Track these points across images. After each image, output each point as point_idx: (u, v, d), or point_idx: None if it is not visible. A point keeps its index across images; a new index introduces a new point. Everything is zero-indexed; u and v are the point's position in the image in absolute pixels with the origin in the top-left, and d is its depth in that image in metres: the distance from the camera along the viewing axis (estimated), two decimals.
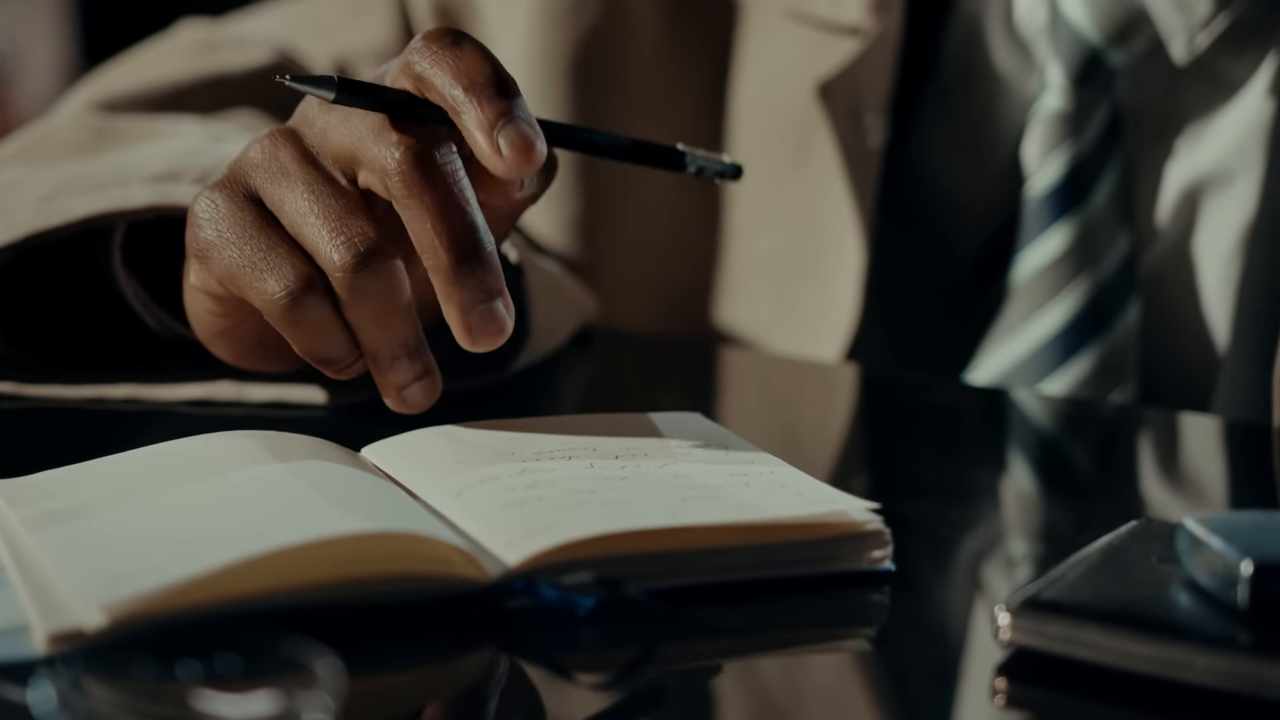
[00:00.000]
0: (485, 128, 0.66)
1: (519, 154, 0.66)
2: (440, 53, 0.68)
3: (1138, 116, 0.98)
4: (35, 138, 0.93)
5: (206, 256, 0.70)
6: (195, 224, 0.71)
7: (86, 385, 0.80)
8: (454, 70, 0.67)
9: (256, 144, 0.71)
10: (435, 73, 0.68)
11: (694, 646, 0.57)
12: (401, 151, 0.67)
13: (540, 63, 1.05)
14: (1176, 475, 0.80)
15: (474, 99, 0.67)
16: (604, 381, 0.95)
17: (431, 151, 0.67)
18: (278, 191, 0.69)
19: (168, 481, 0.62)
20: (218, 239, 0.70)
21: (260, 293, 0.69)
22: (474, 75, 0.67)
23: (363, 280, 0.68)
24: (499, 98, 0.67)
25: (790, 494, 0.62)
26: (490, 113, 0.66)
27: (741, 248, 1.05)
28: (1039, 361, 0.96)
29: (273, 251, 0.69)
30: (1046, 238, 0.97)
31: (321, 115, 0.70)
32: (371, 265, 0.67)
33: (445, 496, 0.62)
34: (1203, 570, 0.54)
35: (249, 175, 0.70)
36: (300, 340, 0.70)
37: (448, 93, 0.67)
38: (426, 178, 0.67)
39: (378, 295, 0.68)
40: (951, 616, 0.62)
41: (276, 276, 0.68)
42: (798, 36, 1.03)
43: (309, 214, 0.68)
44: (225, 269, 0.70)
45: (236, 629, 0.48)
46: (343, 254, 0.67)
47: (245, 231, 0.69)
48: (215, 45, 1.03)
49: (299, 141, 0.70)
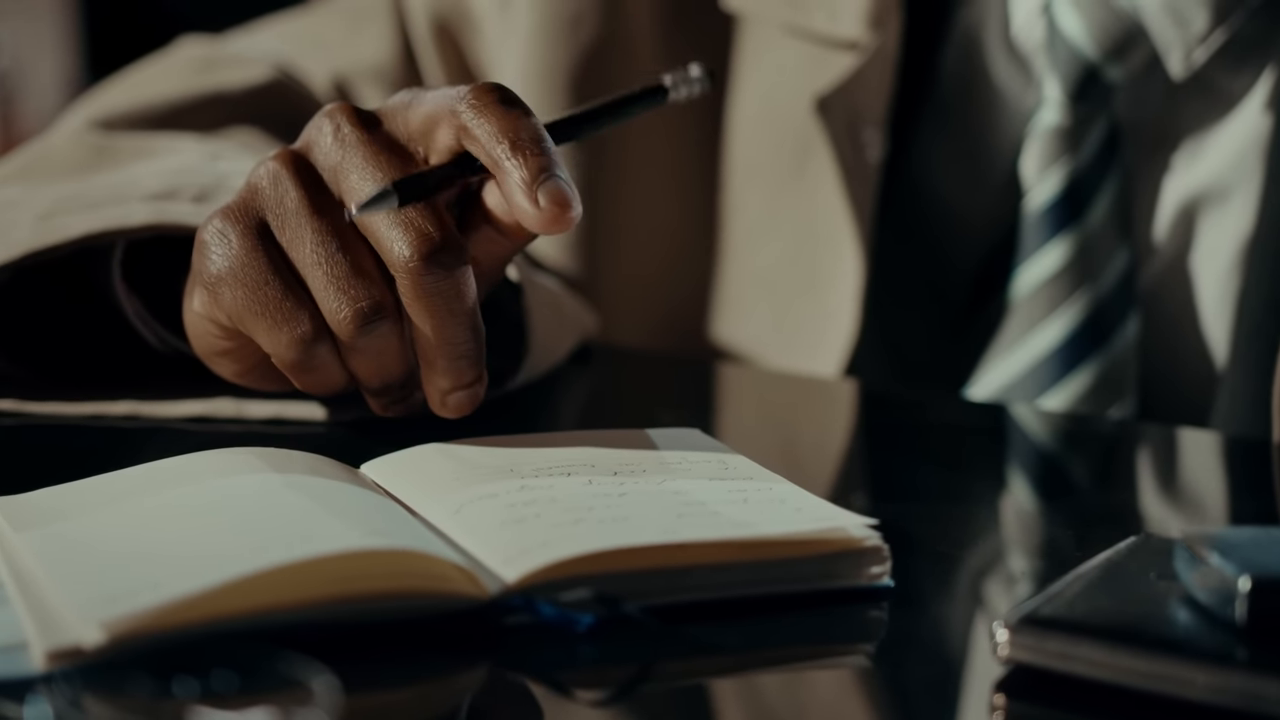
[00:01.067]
0: (526, 183, 0.67)
1: (556, 209, 0.67)
2: (487, 108, 0.69)
3: (1135, 131, 0.98)
4: (34, 156, 0.93)
5: (216, 291, 0.71)
6: (205, 255, 0.71)
7: (86, 402, 0.80)
8: (500, 126, 0.69)
9: (265, 171, 0.71)
10: (481, 126, 0.69)
11: (692, 663, 0.57)
12: (411, 251, 0.68)
13: (540, 78, 1.05)
14: (1175, 491, 0.80)
15: (517, 155, 0.68)
16: (603, 398, 0.95)
17: (440, 251, 0.68)
18: (287, 231, 0.70)
19: (167, 498, 0.62)
20: (229, 276, 0.70)
21: (271, 341, 0.70)
22: (519, 132, 0.68)
23: (362, 341, 0.70)
24: (541, 155, 0.68)
25: (789, 510, 0.62)
26: (532, 168, 0.68)
27: (740, 262, 1.05)
28: (1038, 376, 0.96)
29: (286, 300, 0.70)
30: (1045, 252, 0.97)
31: (335, 151, 0.71)
32: (374, 325, 0.69)
33: (444, 513, 0.62)
34: (1201, 586, 0.54)
35: (260, 207, 0.71)
36: (304, 383, 0.72)
37: (491, 147, 0.68)
38: (433, 285, 0.68)
39: (378, 352, 0.71)
40: (950, 633, 0.62)
41: (290, 327, 0.70)
42: (796, 51, 1.03)
43: (316, 267, 0.69)
44: (235, 310, 0.71)
45: (233, 646, 0.48)
46: (346, 314, 0.69)
47: (259, 275, 0.70)
48: (214, 63, 1.04)
49: (307, 172, 0.71)
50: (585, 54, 1.05)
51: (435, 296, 0.69)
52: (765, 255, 1.04)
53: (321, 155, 0.71)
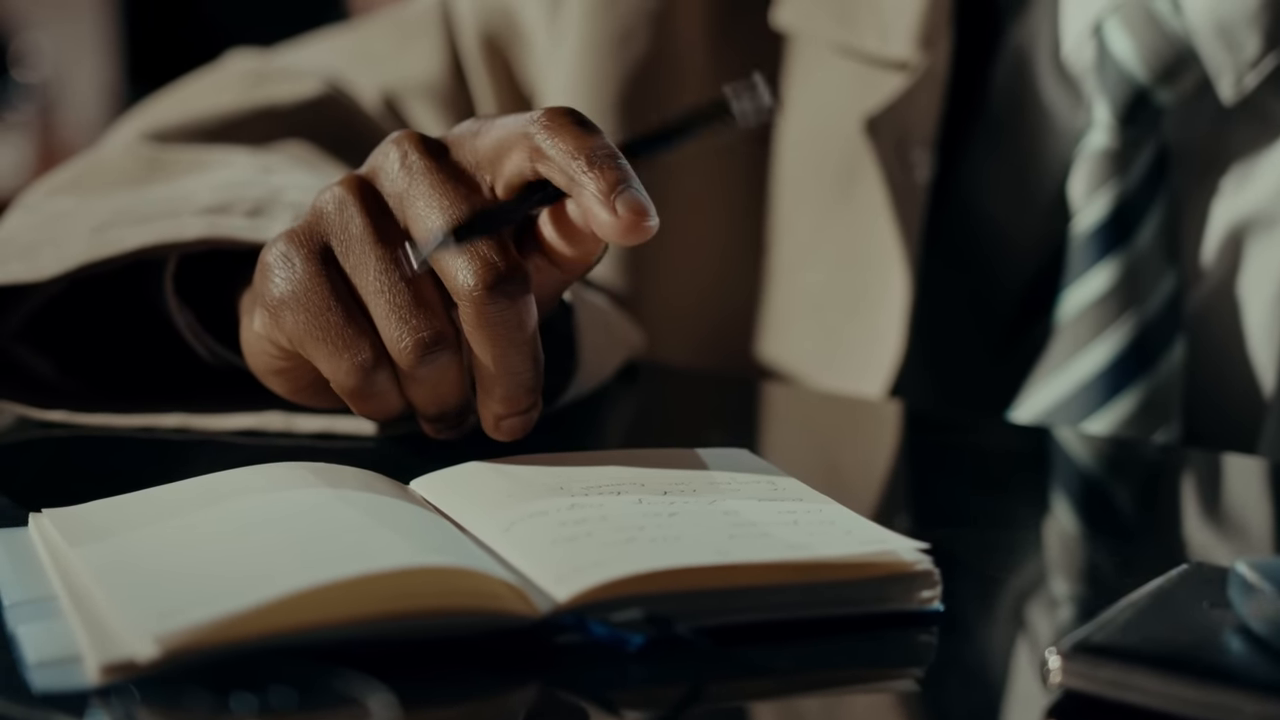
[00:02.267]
0: (604, 192, 0.68)
1: (634, 217, 0.68)
2: (561, 129, 0.69)
3: (1184, 155, 0.98)
4: (87, 167, 0.94)
5: (278, 314, 0.71)
6: (268, 277, 0.71)
7: (137, 414, 0.81)
8: (576, 145, 0.69)
9: (331, 197, 0.72)
10: (555, 146, 0.69)
11: (742, 685, 0.57)
12: (476, 280, 0.68)
13: (589, 94, 1.06)
14: (1221, 517, 0.80)
15: (593, 170, 0.68)
16: (650, 416, 0.95)
17: (504, 280, 0.69)
18: (350, 257, 0.71)
19: (220, 513, 0.62)
20: (292, 300, 0.71)
21: (331, 367, 0.71)
22: (594, 150, 0.69)
23: (423, 372, 0.70)
24: (616, 169, 0.69)
25: (839, 532, 0.62)
26: (609, 179, 0.68)
27: (787, 282, 1.05)
28: (1083, 399, 0.96)
29: (348, 327, 0.70)
30: (1092, 275, 0.97)
31: (401, 179, 0.71)
32: (434, 355, 0.70)
33: (495, 530, 0.62)
34: (1255, 616, 0.54)
35: (325, 232, 0.71)
36: (361, 408, 0.72)
37: (566, 164, 0.69)
38: (496, 315, 0.69)
39: (437, 382, 0.71)
40: (997, 658, 0.61)
41: (353, 354, 0.70)
42: (845, 71, 1.03)
43: (379, 295, 0.70)
44: (297, 334, 0.71)
45: (290, 662, 0.48)
46: (408, 344, 0.69)
47: (322, 301, 0.70)
48: (264, 76, 1.04)
49: (373, 198, 0.71)
50: (634, 70, 1.05)
51: (498, 326, 0.69)
52: (812, 275, 1.04)
53: (388, 183, 0.72)
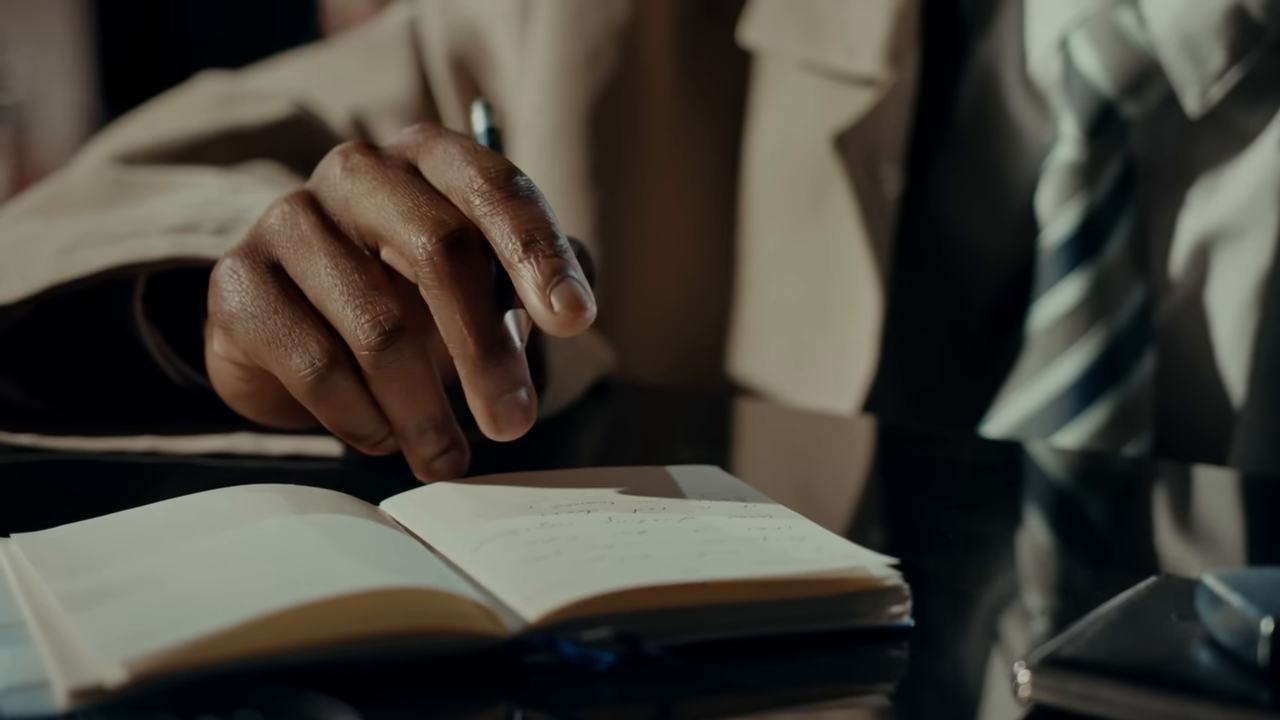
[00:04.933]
0: (539, 285, 0.66)
1: (570, 312, 0.67)
2: (502, 201, 0.68)
3: (1151, 168, 0.98)
4: (54, 191, 0.94)
5: (230, 329, 0.71)
6: (218, 294, 0.71)
7: (106, 437, 0.81)
8: (514, 223, 0.67)
9: (276, 210, 0.71)
10: (495, 221, 0.68)
11: (713, 702, 0.57)
12: (432, 240, 0.67)
13: (557, 115, 1.06)
14: (1193, 530, 0.80)
15: (531, 255, 0.67)
16: (621, 434, 0.95)
17: (462, 239, 0.68)
18: (300, 263, 0.70)
19: (188, 536, 0.62)
20: (241, 312, 0.70)
21: (286, 369, 0.69)
22: (533, 231, 0.67)
23: (388, 358, 0.68)
24: (555, 256, 0.67)
25: (809, 549, 0.62)
26: (546, 269, 0.67)
27: (758, 298, 1.06)
28: (1054, 412, 0.96)
29: (297, 327, 0.69)
30: (1061, 288, 0.97)
31: (344, 182, 0.70)
32: (397, 344, 0.68)
33: (464, 550, 0.62)
34: (1223, 628, 0.54)
35: (271, 244, 0.71)
36: (327, 416, 0.70)
37: (505, 244, 0.67)
38: (456, 269, 0.67)
39: (403, 373, 0.69)
40: (970, 673, 0.61)
41: (302, 353, 0.69)
42: (813, 88, 1.03)
43: (332, 289, 0.69)
44: (250, 343, 0.70)
45: (255, 685, 0.48)
46: (368, 333, 0.68)
47: (269, 305, 0.69)
48: (233, 98, 1.04)
49: (319, 208, 0.71)
50: (602, 90, 1.06)
51: (458, 281, 0.67)
52: (783, 291, 1.04)
53: (330, 188, 0.71)
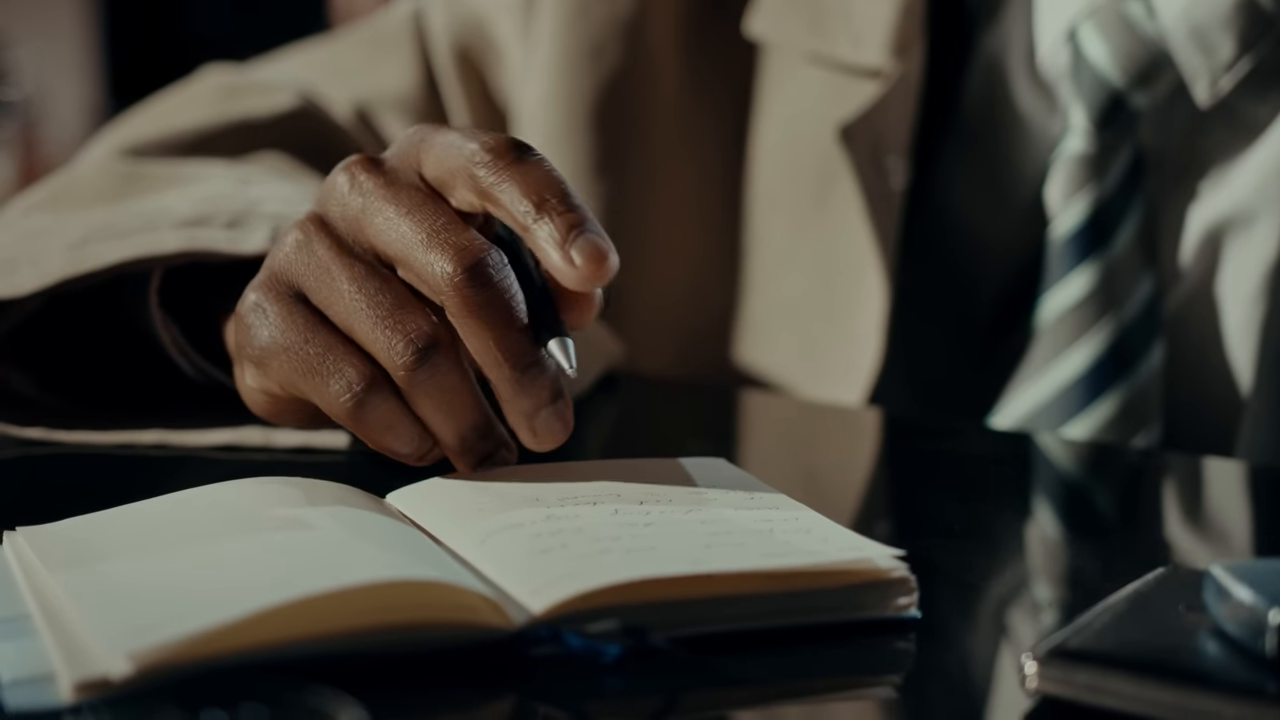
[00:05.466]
0: (558, 241, 0.66)
1: (592, 264, 0.66)
2: (507, 168, 0.67)
3: (1160, 159, 0.98)
4: (62, 184, 0.94)
5: (264, 363, 0.70)
6: (246, 330, 0.70)
7: (116, 431, 0.81)
8: (523, 187, 0.67)
9: (290, 238, 0.70)
10: (504, 188, 0.67)
11: (719, 694, 0.57)
12: (457, 270, 0.66)
13: (563, 108, 1.06)
14: (1202, 521, 0.80)
15: (545, 214, 0.66)
16: (629, 426, 0.95)
17: (485, 263, 0.67)
18: (322, 290, 0.69)
19: (194, 529, 0.62)
20: (273, 345, 0.69)
21: (325, 398, 0.69)
22: (543, 191, 0.67)
23: (423, 375, 0.67)
24: (569, 211, 0.67)
25: (815, 540, 0.62)
26: (562, 226, 0.66)
27: (764, 290, 1.05)
28: (1063, 404, 0.96)
29: (330, 354, 0.68)
30: (1070, 280, 0.97)
31: (354, 201, 0.70)
32: (432, 360, 0.67)
33: (470, 543, 0.62)
34: (1230, 619, 0.54)
35: (290, 274, 0.70)
36: (370, 437, 0.69)
37: (517, 208, 0.67)
38: (482, 297, 0.67)
39: (441, 387, 0.68)
40: (977, 664, 0.61)
41: (338, 380, 0.68)
42: (819, 79, 1.03)
43: (359, 312, 0.68)
44: (285, 377, 0.70)
45: (261, 678, 0.48)
46: (401, 353, 0.67)
47: (300, 336, 0.69)
48: (238, 90, 1.04)
49: (330, 230, 0.70)
50: (608, 83, 1.05)
51: (487, 308, 0.66)
52: (789, 283, 1.04)
53: (340, 208, 0.70)
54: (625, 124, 1.06)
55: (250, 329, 0.70)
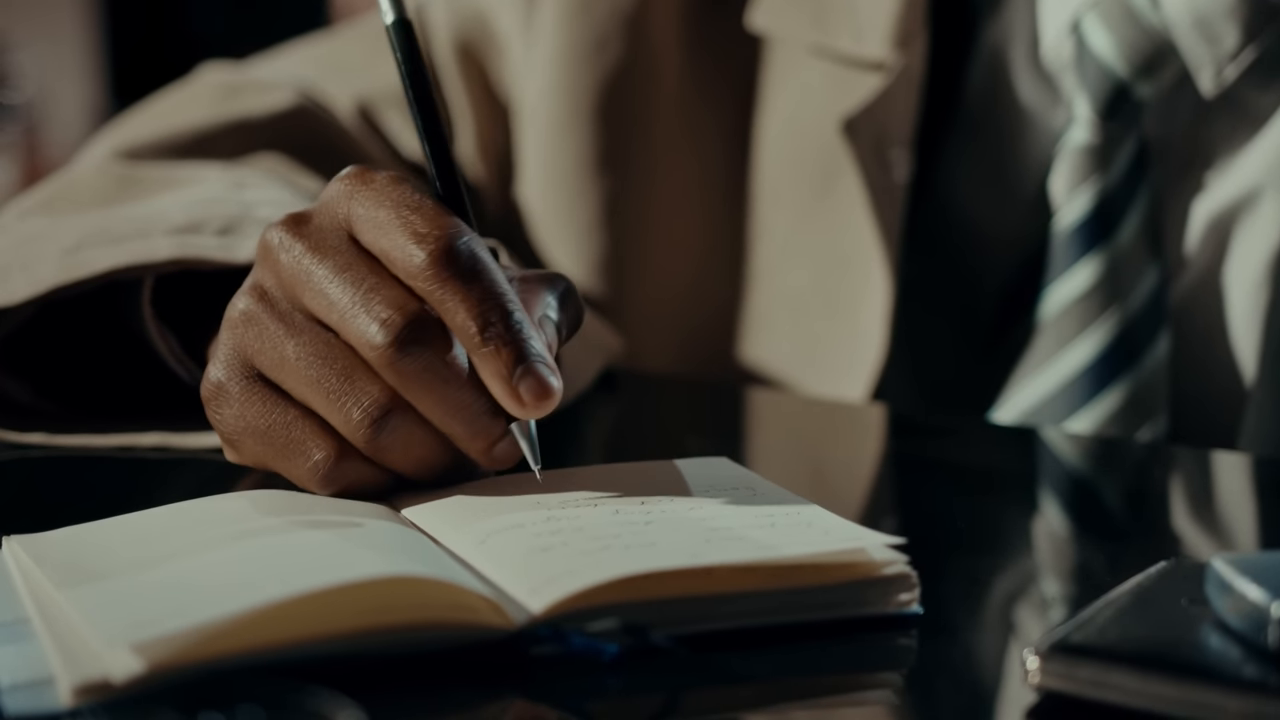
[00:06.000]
0: (504, 376, 0.65)
1: (537, 401, 0.65)
2: (449, 281, 0.66)
3: (1165, 149, 0.97)
4: (59, 187, 0.93)
5: (236, 446, 0.70)
6: (212, 413, 0.70)
7: (115, 434, 0.81)
8: (467, 306, 0.65)
9: (238, 313, 0.69)
10: (446, 305, 0.66)
11: (720, 693, 0.57)
12: (383, 337, 0.65)
13: (565, 101, 1.05)
14: (1208, 514, 0.79)
15: (491, 343, 0.65)
16: (630, 425, 0.95)
17: (415, 326, 0.66)
18: (273, 369, 0.68)
19: (193, 536, 0.62)
20: (240, 429, 0.69)
21: (297, 477, 0.68)
22: (488, 314, 0.65)
23: (385, 440, 0.67)
24: (514, 340, 0.65)
25: (817, 533, 0.62)
26: (509, 358, 0.65)
27: (767, 284, 1.05)
28: (1068, 397, 0.95)
29: (294, 430, 0.68)
30: (1074, 272, 0.96)
31: (285, 262, 0.68)
32: (390, 423, 0.66)
33: (470, 543, 0.62)
34: (1232, 612, 0.53)
35: (244, 351, 0.69)
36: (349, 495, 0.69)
37: (461, 330, 0.66)
38: (416, 365, 0.65)
39: (405, 445, 0.67)
40: (981, 660, 0.61)
41: (305, 460, 0.68)
42: (822, 72, 1.02)
43: (310, 387, 0.67)
44: (257, 459, 0.69)
45: (258, 680, 0.48)
46: (359, 423, 0.66)
47: (263, 421, 0.68)
48: (237, 89, 1.04)
49: (270, 301, 0.69)
50: (610, 77, 1.05)
51: (422, 375, 0.66)
52: (792, 277, 1.04)
53: (273, 276, 0.69)
54: (627, 118, 1.05)
55: (215, 415, 0.70)
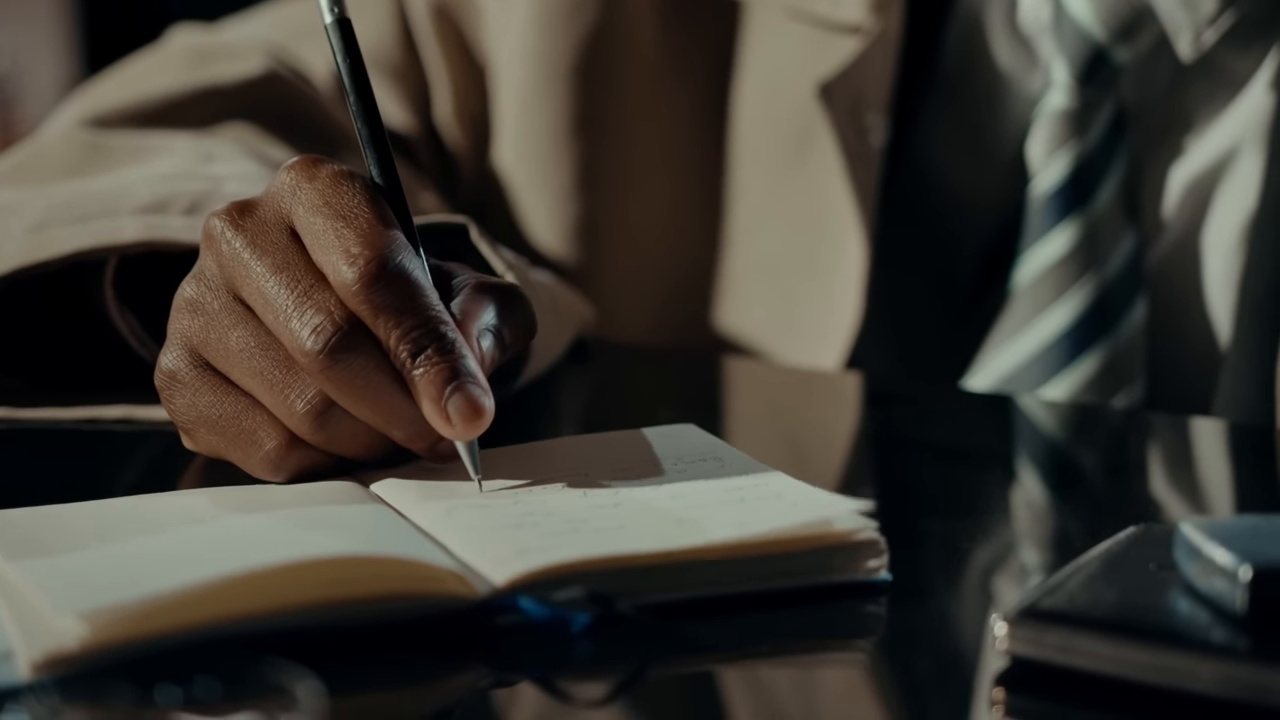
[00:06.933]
0: (434, 396, 0.64)
1: (467, 422, 0.64)
2: (377, 300, 0.65)
3: (1142, 114, 0.97)
4: (26, 155, 0.93)
5: (192, 435, 0.70)
6: (166, 402, 0.70)
7: (80, 407, 0.80)
8: (396, 327, 0.65)
9: (184, 303, 0.69)
10: (379, 321, 0.65)
11: (688, 661, 0.56)
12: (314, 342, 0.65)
13: (539, 65, 1.05)
14: (1183, 480, 0.79)
15: (420, 366, 0.65)
16: (604, 395, 0.94)
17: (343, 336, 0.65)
18: (218, 356, 0.68)
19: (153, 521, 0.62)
20: (194, 418, 0.69)
21: (249, 466, 0.68)
22: (419, 337, 0.65)
23: (328, 432, 0.67)
24: (445, 358, 0.65)
25: (786, 505, 0.61)
26: (439, 379, 0.64)
27: (742, 249, 1.05)
28: (1044, 363, 0.95)
29: (243, 420, 0.68)
30: (1051, 238, 0.96)
31: (226, 253, 0.68)
32: (332, 414, 0.66)
33: (436, 515, 0.62)
34: (1201, 576, 0.53)
35: (191, 340, 0.69)
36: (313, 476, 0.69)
37: (393, 347, 0.65)
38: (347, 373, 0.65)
39: (351, 434, 0.67)
40: (954, 627, 0.61)
41: (256, 450, 0.68)
42: (798, 36, 1.02)
43: (254, 377, 0.67)
44: (211, 448, 0.69)
45: (216, 653, 0.48)
46: (302, 417, 0.66)
47: (211, 410, 0.68)
48: (207, 55, 1.03)
49: (213, 289, 0.68)
50: (585, 41, 1.04)
51: (353, 382, 0.65)
52: (767, 242, 1.03)
53: (215, 265, 0.68)
54: (602, 82, 1.05)
55: (170, 401, 0.70)
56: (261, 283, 0.67)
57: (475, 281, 0.70)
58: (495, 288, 0.70)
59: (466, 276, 0.70)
